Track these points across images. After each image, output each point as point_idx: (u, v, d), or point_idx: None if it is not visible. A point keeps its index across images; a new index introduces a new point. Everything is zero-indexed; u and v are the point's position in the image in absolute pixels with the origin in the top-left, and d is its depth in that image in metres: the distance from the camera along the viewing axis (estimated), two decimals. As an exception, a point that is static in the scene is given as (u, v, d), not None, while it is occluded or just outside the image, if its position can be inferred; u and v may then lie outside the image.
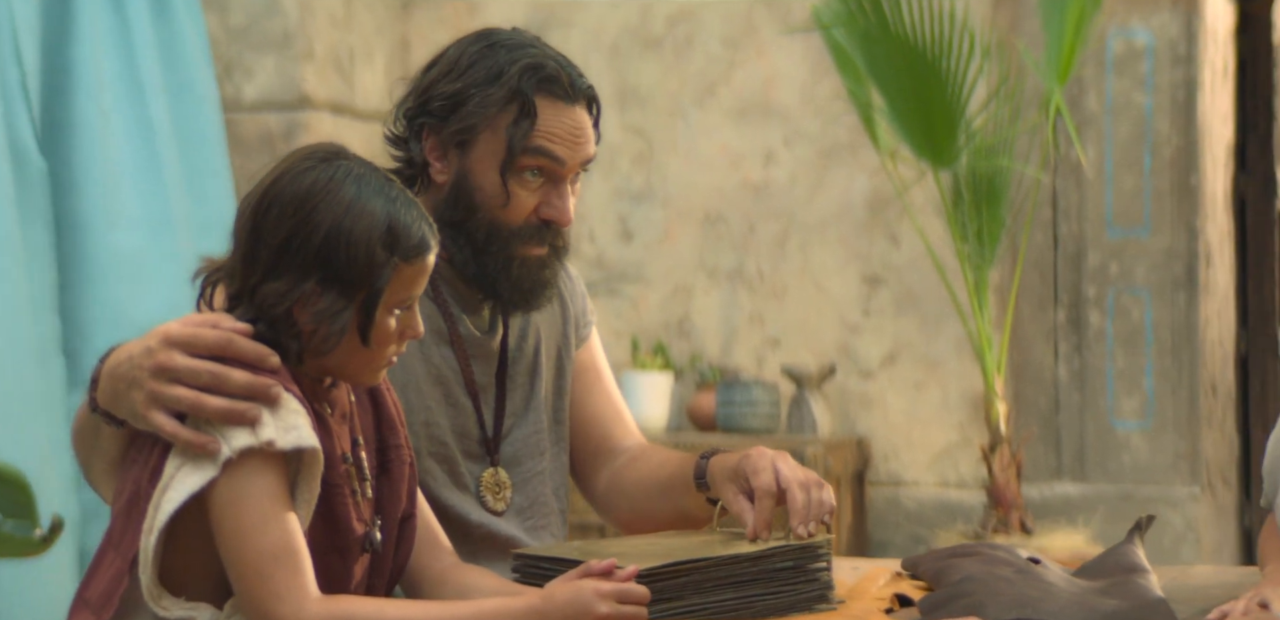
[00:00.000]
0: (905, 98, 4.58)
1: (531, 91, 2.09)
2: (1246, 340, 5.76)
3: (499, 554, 2.17)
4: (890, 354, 5.26)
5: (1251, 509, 5.83)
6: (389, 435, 1.97)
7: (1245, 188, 5.74)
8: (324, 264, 1.79)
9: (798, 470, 2.01)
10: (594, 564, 1.80)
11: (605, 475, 2.31)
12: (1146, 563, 2.01)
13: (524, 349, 2.26)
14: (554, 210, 2.11)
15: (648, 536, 2.08)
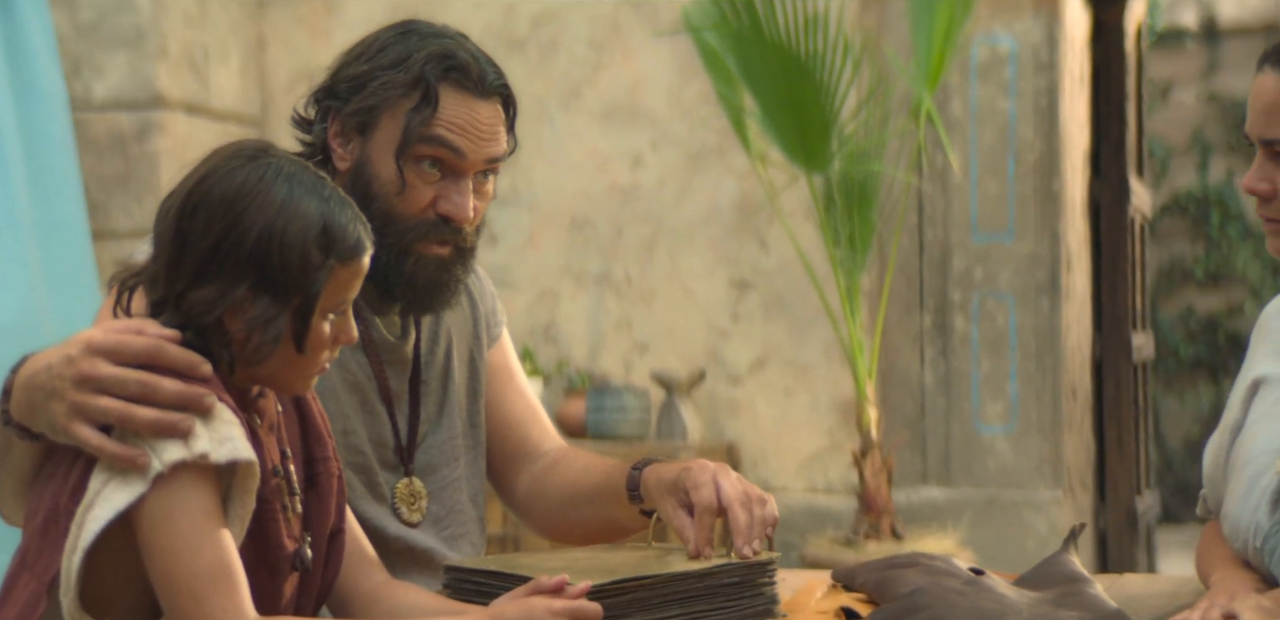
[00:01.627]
0: (779, 102, 4.57)
1: (436, 79, 2.01)
2: (1101, 344, 5.84)
3: (416, 567, 2.10)
4: (759, 359, 5.24)
5: (1105, 511, 5.91)
6: (316, 448, 1.88)
7: (1100, 194, 5.83)
8: (256, 268, 1.70)
9: (738, 486, 1.96)
10: (544, 581, 1.73)
11: (525, 479, 2.24)
12: (1085, 572, 2.00)
13: (435, 353, 2.18)
14: (451, 205, 2.03)
15: (583, 550, 2.02)
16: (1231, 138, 9.58)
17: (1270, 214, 1.91)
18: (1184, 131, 9.68)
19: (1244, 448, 2.00)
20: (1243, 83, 9.53)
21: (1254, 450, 1.97)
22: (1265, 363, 2.03)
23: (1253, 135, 1.91)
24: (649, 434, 5.13)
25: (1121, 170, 5.86)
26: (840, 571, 2.09)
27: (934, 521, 5.09)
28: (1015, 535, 5.10)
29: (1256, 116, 1.89)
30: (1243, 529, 1.95)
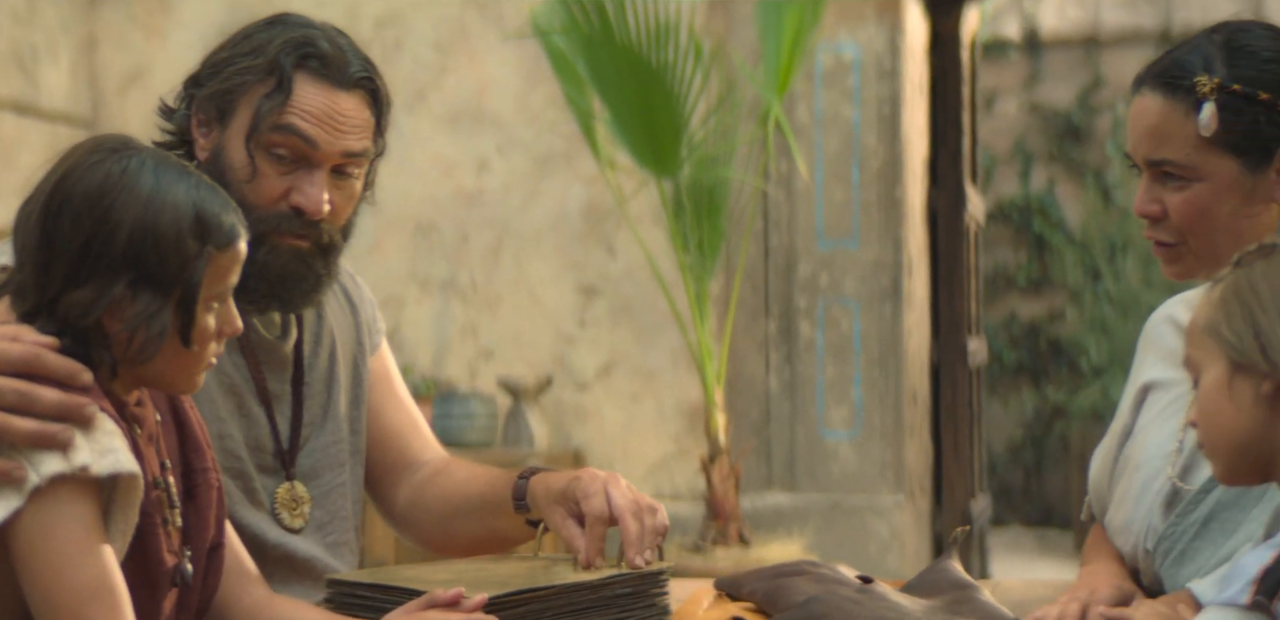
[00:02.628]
0: (629, 107, 4.56)
1: (291, 66, 1.96)
2: (938, 350, 5.92)
3: (296, 576, 2.03)
4: (606, 365, 5.23)
5: (941, 515, 5.99)
6: (195, 458, 1.82)
7: (937, 201, 5.91)
8: (132, 264, 1.63)
9: (629, 495, 1.93)
10: (439, 593, 1.69)
11: (406, 490, 2.19)
12: (970, 578, 2.00)
13: (319, 354, 2.11)
14: (303, 197, 1.96)
15: (468, 562, 1.97)
16: (1052, 147, 9.78)
17: (1161, 236, 1.87)
18: (1007, 141, 9.86)
19: (1135, 452, 2.02)
20: (1063, 93, 9.73)
21: (1146, 454, 1.99)
22: (1153, 369, 2.05)
23: (1137, 157, 1.87)
24: (495, 441, 5.09)
25: (958, 178, 5.94)
26: (724, 580, 2.08)
27: (779, 527, 5.11)
28: (859, 540, 5.14)
29: (1141, 138, 1.85)
30: (1134, 531, 1.97)
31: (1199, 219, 1.85)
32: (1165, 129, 1.83)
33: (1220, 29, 1.87)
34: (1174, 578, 1.90)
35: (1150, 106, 1.84)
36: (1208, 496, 1.90)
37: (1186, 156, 1.83)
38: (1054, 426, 9.49)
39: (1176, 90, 1.82)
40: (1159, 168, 1.85)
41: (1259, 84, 1.83)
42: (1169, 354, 2.04)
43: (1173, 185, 1.85)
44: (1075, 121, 9.71)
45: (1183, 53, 1.85)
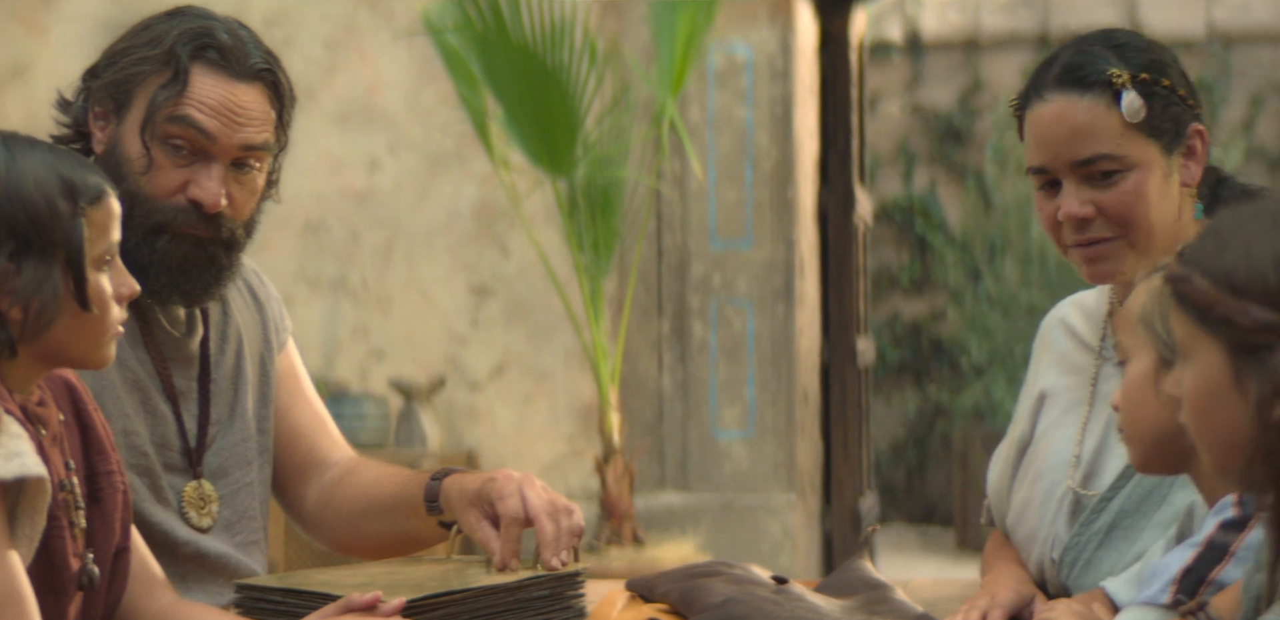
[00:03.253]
0: (524, 106, 4.54)
1: (187, 57, 1.93)
2: (828, 349, 5.95)
3: (210, 574, 2.00)
4: (499, 365, 5.20)
5: (830, 514, 6.03)
6: (99, 461, 1.78)
7: (827, 201, 5.94)
8: (9, 236, 1.62)
9: (544, 496, 1.92)
10: (356, 597, 1.67)
11: (314, 491, 2.15)
12: (883, 578, 2.01)
13: (226, 351, 2.08)
14: (200, 190, 1.93)
15: (381, 565, 1.95)
16: (934, 149, 9.87)
17: (1098, 233, 1.88)
18: (890, 142, 9.95)
19: (1035, 460, 2.03)
20: (944, 95, 9.83)
21: (1047, 463, 2.00)
22: (1047, 375, 2.06)
23: (1058, 163, 1.86)
24: (388, 442, 5.05)
25: (847, 179, 5.98)
26: (636, 581, 2.07)
27: (673, 527, 5.12)
28: (751, 539, 5.16)
29: (1064, 142, 1.85)
30: (1039, 540, 1.98)
31: (1138, 207, 1.87)
32: (1091, 125, 1.85)
33: (1090, 37, 1.91)
34: (1081, 587, 1.91)
35: (1068, 108, 1.85)
36: (1109, 504, 1.92)
37: (1118, 146, 1.86)
38: (936, 425, 9.59)
39: (1091, 87, 1.85)
40: (1088, 167, 1.86)
41: (1156, 72, 1.88)
42: (1062, 358, 2.05)
43: (1104, 182, 1.87)
44: (956, 123, 9.81)
45: (1074, 57, 1.87)
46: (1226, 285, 1.41)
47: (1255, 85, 9.24)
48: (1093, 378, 2.01)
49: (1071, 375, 2.04)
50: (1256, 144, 8.90)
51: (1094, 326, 2.04)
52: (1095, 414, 1.99)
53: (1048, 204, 1.89)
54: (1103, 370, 2.01)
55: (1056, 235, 1.91)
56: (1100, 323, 2.03)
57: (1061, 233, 1.90)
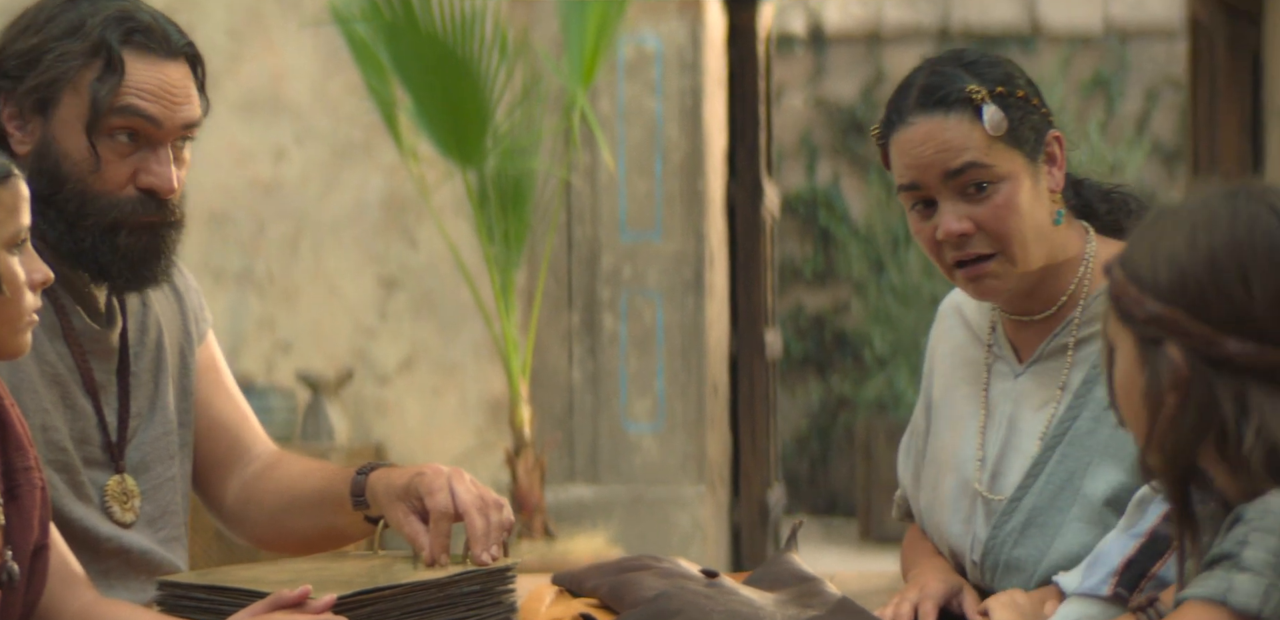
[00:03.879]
0: (434, 96, 4.50)
1: (118, 43, 1.88)
2: (737, 342, 5.96)
3: (133, 571, 1.95)
4: (408, 358, 5.16)
5: (739, 506, 6.04)
6: (17, 457, 1.74)
7: (736, 194, 5.95)
8: None
9: (474, 490, 1.89)
10: (286, 594, 1.64)
11: (236, 485, 2.11)
12: (811, 571, 2.00)
13: (146, 343, 2.03)
14: (154, 177, 1.89)
15: (306, 561, 1.92)
16: (837, 141, 9.92)
17: (978, 249, 1.87)
18: (793, 134, 9.98)
19: (938, 454, 2.03)
20: (847, 88, 9.87)
21: (954, 459, 2.00)
22: (944, 364, 2.06)
23: (929, 177, 1.86)
24: (294, 435, 4.99)
25: (755, 171, 5.99)
26: (563, 576, 2.05)
27: (584, 519, 5.10)
28: (661, 532, 5.16)
29: (932, 158, 1.85)
30: (954, 538, 1.98)
31: (1012, 219, 1.89)
32: (957, 140, 1.87)
33: (941, 59, 1.94)
34: (1002, 588, 1.91)
35: (933, 128, 1.87)
36: (1020, 504, 1.92)
37: (985, 156, 1.87)
38: (839, 417, 9.65)
39: (952, 106, 1.87)
40: (960, 177, 1.87)
41: (1010, 85, 1.92)
42: (959, 347, 2.06)
43: (978, 196, 1.88)
44: (859, 116, 9.86)
45: (929, 78, 1.89)
46: (1133, 278, 1.44)
47: (1151, 80, 9.36)
48: (985, 376, 2.02)
49: (967, 367, 2.04)
50: (1153, 138, 9.03)
51: (984, 317, 2.05)
52: (992, 415, 1.99)
53: (925, 225, 1.89)
54: (994, 368, 2.02)
55: (938, 256, 1.90)
56: (989, 315, 2.04)
57: (942, 252, 1.89)
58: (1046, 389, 1.95)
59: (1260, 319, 1.38)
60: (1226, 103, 6.03)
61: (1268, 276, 1.38)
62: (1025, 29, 9.85)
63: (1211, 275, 1.39)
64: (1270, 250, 1.39)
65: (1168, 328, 1.41)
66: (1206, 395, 1.38)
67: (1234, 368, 1.38)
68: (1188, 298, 1.40)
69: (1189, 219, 1.43)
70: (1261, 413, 1.36)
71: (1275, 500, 1.33)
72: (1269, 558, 1.31)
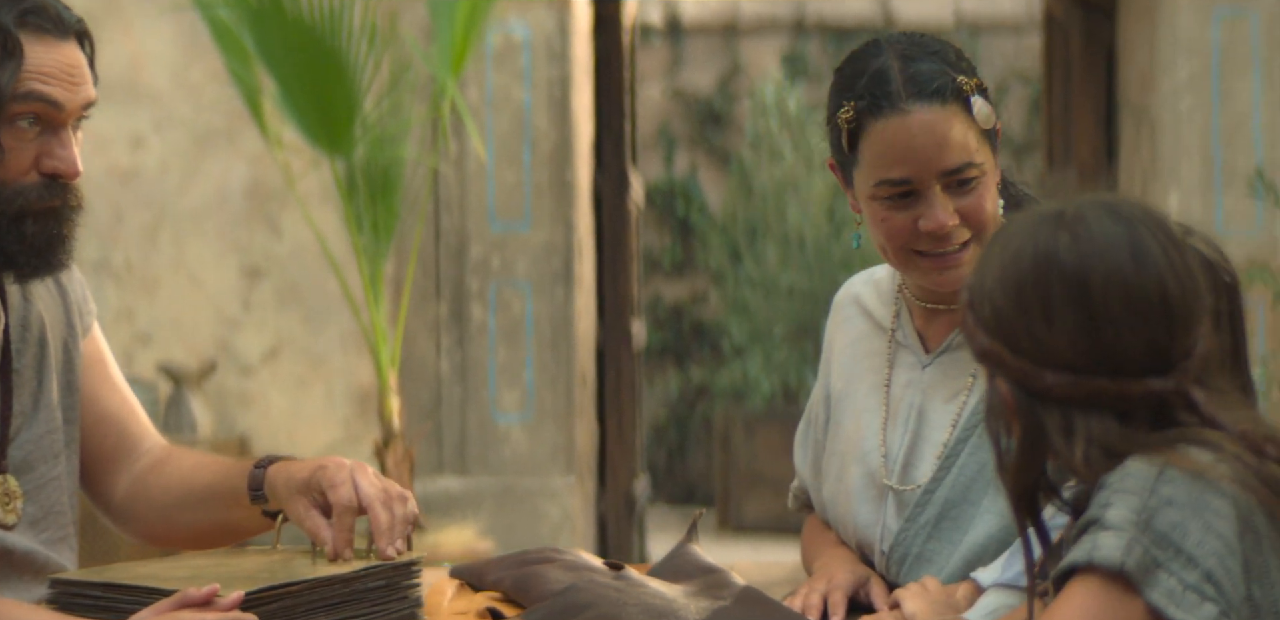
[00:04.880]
0: (300, 84, 4.42)
1: (14, 26, 1.82)
2: (603, 332, 5.95)
3: (15, 572, 1.88)
4: (273, 349, 5.08)
5: (605, 497, 6.03)
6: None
7: (602, 184, 5.93)
8: None
9: (378, 483, 1.86)
10: (193, 592, 1.59)
11: (125, 480, 2.05)
12: (715, 562, 1.99)
13: (28, 339, 1.97)
14: (58, 161, 1.84)
15: (204, 556, 1.87)
16: (694, 132, 9.94)
17: (957, 240, 1.87)
18: (651, 125, 9.99)
19: (842, 446, 2.01)
20: (704, 79, 9.90)
21: (858, 450, 1.99)
22: (843, 356, 2.05)
23: (925, 173, 1.84)
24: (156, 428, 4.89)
25: (621, 161, 5.98)
26: (462, 569, 2.02)
27: (453, 511, 5.06)
28: (530, 523, 5.13)
29: (933, 153, 1.83)
30: (862, 529, 1.97)
31: (989, 209, 1.89)
32: (956, 135, 1.85)
33: (905, 44, 1.90)
34: (912, 580, 1.90)
35: (932, 119, 1.84)
36: (933, 496, 1.91)
37: (977, 153, 1.87)
38: (697, 406, 9.68)
39: (947, 97, 1.85)
40: (955, 175, 1.85)
41: (978, 76, 1.91)
42: (860, 338, 2.04)
43: (961, 190, 1.87)
44: (716, 107, 9.90)
45: (911, 66, 1.87)
46: (969, 306, 1.45)
47: (1000, 73, 9.51)
48: (888, 365, 2.00)
49: (868, 358, 2.03)
50: (1003, 130, 9.16)
51: (886, 307, 2.04)
52: (898, 405, 1.98)
53: (897, 214, 1.87)
54: (898, 358, 2.00)
55: (901, 244, 1.88)
56: (892, 303, 2.03)
57: (911, 240, 1.88)
58: (956, 379, 1.94)
59: (1066, 352, 1.40)
60: (1081, 96, 6.13)
61: (1065, 310, 1.39)
62: (879, 22, 9.95)
63: (1019, 311, 1.41)
64: (1064, 283, 1.39)
65: (993, 362, 1.43)
66: (1034, 424, 1.41)
67: (1055, 398, 1.40)
68: (1004, 333, 1.42)
69: (1004, 249, 1.44)
70: (1088, 430, 1.39)
71: (1133, 464, 1.36)
72: (1130, 515, 1.34)
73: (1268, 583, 1.34)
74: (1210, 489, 1.33)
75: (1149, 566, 1.32)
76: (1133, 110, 5.68)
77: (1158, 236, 1.38)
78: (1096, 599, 1.32)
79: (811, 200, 9.02)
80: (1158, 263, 1.37)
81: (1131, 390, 1.37)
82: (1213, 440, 1.35)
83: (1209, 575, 1.31)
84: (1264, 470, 1.34)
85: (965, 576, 1.84)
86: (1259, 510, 1.34)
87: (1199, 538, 1.32)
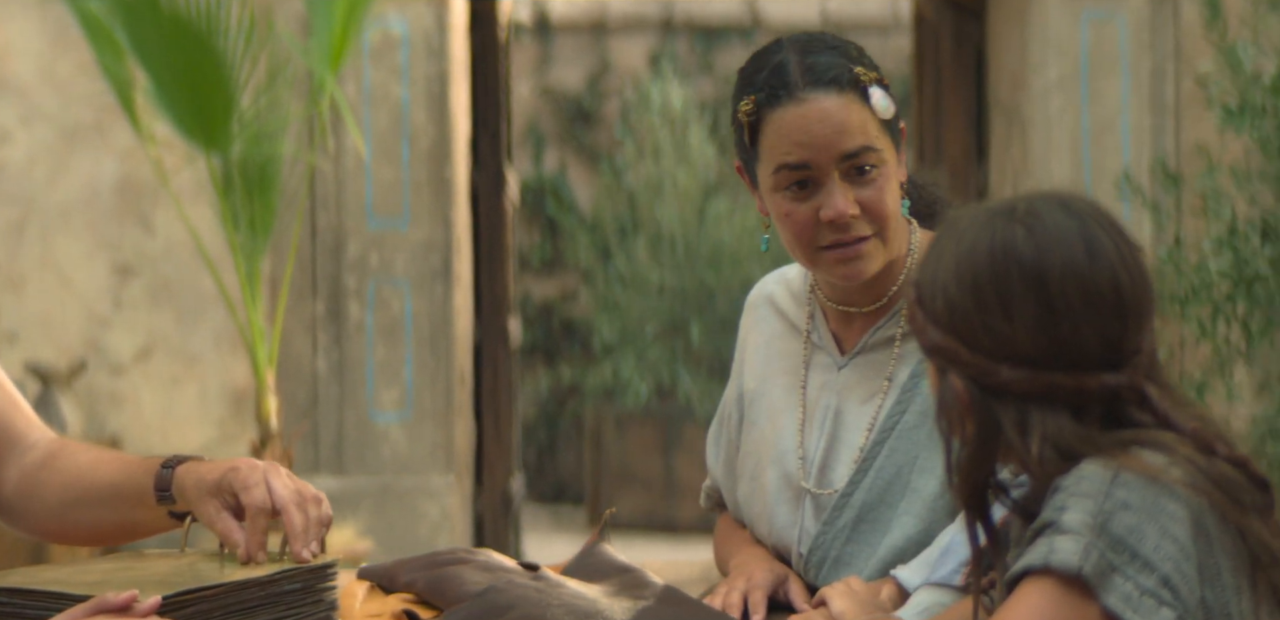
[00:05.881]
0: (175, 78, 4.34)
1: None
2: (480, 330, 5.91)
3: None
4: (145, 348, 4.98)
5: (481, 495, 6.00)
6: None
7: (479, 182, 5.89)
8: None
9: (291, 485, 1.82)
10: (110, 597, 1.55)
11: (14, 475, 1.98)
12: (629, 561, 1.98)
13: None
14: None
15: (112, 560, 1.81)
16: (564, 130, 9.93)
17: (861, 231, 1.86)
18: (520, 123, 9.96)
19: (757, 447, 2.00)
20: (573, 77, 9.89)
21: (774, 451, 1.98)
22: (756, 356, 2.04)
23: (824, 158, 1.84)
24: (26, 430, 4.78)
25: (498, 159, 5.95)
26: (370, 571, 1.99)
27: (331, 512, 5.00)
28: (409, 522, 5.09)
29: (830, 138, 1.83)
30: (779, 530, 1.96)
31: (889, 201, 1.88)
32: (852, 121, 1.85)
33: (804, 41, 1.90)
34: (830, 583, 1.90)
35: (829, 105, 1.84)
36: (851, 500, 1.91)
37: (876, 139, 1.87)
38: (567, 405, 9.66)
39: (844, 86, 1.85)
40: (854, 159, 1.85)
41: (879, 71, 1.91)
42: (774, 338, 2.03)
43: (861, 179, 1.86)
44: (585, 105, 9.89)
45: (809, 59, 1.87)
46: (919, 302, 1.45)
47: (867, 74, 9.59)
48: (803, 367, 2.00)
49: (783, 359, 2.02)
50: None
51: (800, 308, 2.03)
52: (814, 407, 1.97)
53: (800, 206, 1.86)
54: (814, 360, 2.00)
55: (807, 238, 1.87)
56: (805, 304, 2.02)
57: (815, 235, 1.87)
58: (872, 381, 1.94)
59: (1025, 346, 1.39)
60: (951, 96, 6.20)
61: (1024, 303, 1.39)
62: (746, 22, 10.00)
63: (976, 306, 1.41)
64: (1023, 277, 1.39)
65: (947, 358, 1.42)
66: (989, 420, 1.41)
67: (1011, 394, 1.40)
68: (959, 328, 1.42)
69: (958, 243, 1.44)
70: (1043, 426, 1.39)
71: (1087, 467, 1.36)
72: (1086, 518, 1.34)
73: (1219, 585, 1.34)
74: (1165, 492, 1.33)
75: (1105, 571, 1.32)
76: (1003, 110, 5.76)
77: (1109, 231, 1.39)
78: (1051, 601, 1.32)
79: (681, 198, 9.05)
80: (1110, 257, 1.38)
81: (1087, 385, 1.37)
82: (1165, 442, 1.35)
83: (1166, 580, 1.32)
84: (1214, 470, 1.35)
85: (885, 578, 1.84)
86: (1210, 512, 1.34)
87: (1155, 542, 1.32)
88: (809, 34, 1.92)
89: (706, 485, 2.14)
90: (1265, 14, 4.56)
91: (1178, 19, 5.21)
